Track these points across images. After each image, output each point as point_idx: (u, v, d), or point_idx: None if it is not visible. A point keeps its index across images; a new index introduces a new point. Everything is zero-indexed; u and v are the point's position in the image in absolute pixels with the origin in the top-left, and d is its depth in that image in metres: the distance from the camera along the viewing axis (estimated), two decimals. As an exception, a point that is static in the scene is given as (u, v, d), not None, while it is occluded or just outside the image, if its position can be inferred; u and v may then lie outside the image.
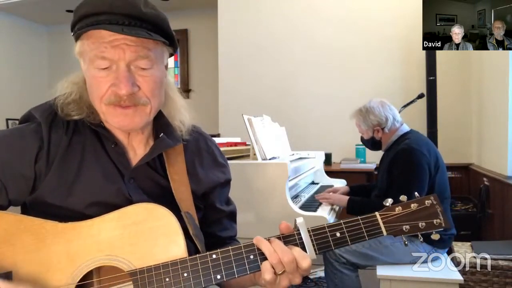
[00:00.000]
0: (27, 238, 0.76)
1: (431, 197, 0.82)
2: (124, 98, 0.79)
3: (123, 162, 0.87)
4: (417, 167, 1.99)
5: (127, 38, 0.78)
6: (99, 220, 0.79)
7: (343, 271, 2.06)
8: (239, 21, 4.37)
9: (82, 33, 0.79)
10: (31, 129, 0.84)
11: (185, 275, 0.75)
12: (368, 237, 0.80)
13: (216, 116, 4.46)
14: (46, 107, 0.87)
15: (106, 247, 0.77)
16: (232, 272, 0.76)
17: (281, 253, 0.75)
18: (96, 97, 0.81)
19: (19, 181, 0.81)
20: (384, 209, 0.82)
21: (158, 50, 0.83)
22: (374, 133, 2.25)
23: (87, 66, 0.81)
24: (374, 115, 2.21)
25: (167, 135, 0.89)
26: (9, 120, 5.58)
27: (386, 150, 2.26)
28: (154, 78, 0.82)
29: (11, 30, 5.80)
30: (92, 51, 0.79)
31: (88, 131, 0.87)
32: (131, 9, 0.78)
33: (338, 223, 0.81)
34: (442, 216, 0.81)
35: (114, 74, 0.79)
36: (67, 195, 0.81)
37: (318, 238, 0.79)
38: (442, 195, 2.07)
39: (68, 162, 0.83)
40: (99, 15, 0.77)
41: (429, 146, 2.11)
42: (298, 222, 0.79)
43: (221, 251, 0.77)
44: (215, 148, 1.03)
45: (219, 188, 0.99)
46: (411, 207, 0.82)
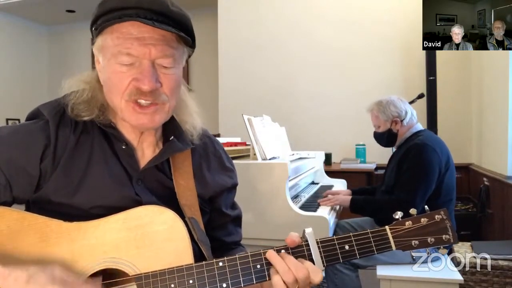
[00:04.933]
0: (30, 236, 0.75)
1: (441, 212, 0.82)
2: (146, 93, 0.79)
3: (131, 163, 0.86)
4: (427, 164, 1.99)
5: (153, 36, 0.77)
6: (105, 221, 0.77)
7: (343, 271, 2.06)
8: (239, 21, 4.37)
9: (106, 26, 0.78)
10: (39, 127, 0.83)
11: (191, 282, 0.74)
12: (377, 251, 0.80)
13: (216, 116, 4.46)
14: (54, 105, 0.86)
15: (111, 249, 0.76)
16: (238, 281, 0.75)
17: (295, 270, 0.74)
18: (116, 92, 0.80)
19: (24, 178, 0.80)
20: (394, 223, 0.82)
21: (181, 50, 0.83)
22: (392, 125, 2.24)
23: (108, 61, 0.80)
24: (394, 107, 2.22)
25: (177, 138, 0.89)
26: (9, 120, 5.58)
27: (398, 147, 2.26)
28: (175, 77, 0.82)
29: (11, 30, 5.80)
30: (116, 46, 0.78)
31: (96, 131, 0.86)
32: (159, 6, 0.78)
33: (347, 236, 0.80)
34: (451, 232, 0.81)
35: (137, 69, 0.78)
36: (72, 194, 0.80)
37: (327, 250, 0.78)
38: (449, 196, 2.07)
39: (75, 161, 0.82)
40: (127, 10, 0.76)
41: (442, 145, 2.11)
42: (307, 232, 0.79)
43: (228, 259, 0.76)
44: (223, 152, 1.02)
45: (225, 193, 0.98)
46: (421, 222, 0.81)
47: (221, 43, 4.44)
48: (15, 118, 5.52)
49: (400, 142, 2.24)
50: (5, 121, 5.54)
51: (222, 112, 4.42)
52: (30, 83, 5.94)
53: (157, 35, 0.78)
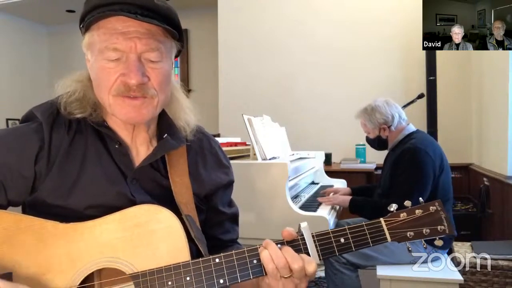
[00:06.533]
0: (27, 238, 0.75)
1: (436, 203, 0.82)
2: (134, 88, 0.79)
3: (125, 162, 0.86)
4: (421, 168, 1.98)
5: (139, 30, 0.78)
6: (101, 221, 0.77)
7: (343, 271, 2.06)
8: (239, 21, 4.37)
9: (92, 23, 0.79)
10: (32, 129, 0.83)
11: (188, 279, 0.75)
12: (372, 243, 0.80)
13: (216, 116, 4.46)
14: (47, 107, 0.86)
15: (108, 249, 0.76)
16: (235, 277, 0.76)
17: (291, 261, 0.75)
18: (104, 88, 0.80)
19: (18, 181, 0.80)
20: (389, 215, 0.82)
21: (168, 44, 0.83)
22: (381, 132, 2.23)
23: (95, 58, 0.80)
24: (380, 113, 2.20)
25: (171, 136, 0.89)
26: (9, 120, 5.58)
27: (391, 149, 2.25)
28: (163, 71, 0.82)
29: (11, 30, 5.80)
30: (103, 42, 0.78)
31: (90, 131, 0.86)
32: (144, 0, 0.78)
33: (343, 229, 0.80)
34: (446, 222, 0.81)
35: (124, 64, 0.79)
36: (67, 195, 0.80)
37: (322, 243, 0.79)
38: (445, 197, 2.07)
39: (69, 162, 0.82)
40: (112, 5, 0.77)
41: (435, 147, 2.10)
42: (302, 226, 0.79)
43: (224, 255, 0.77)
44: (219, 148, 1.02)
45: (221, 190, 0.98)
46: (416, 213, 0.82)
47: (221, 43, 4.44)
48: (15, 118, 5.51)
49: (393, 145, 2.24)
50: (5, 121, 5.54)
51: (222, 112, 4.42)
52: (30, 83, 5.94)
53: (142, 29, 0.78)
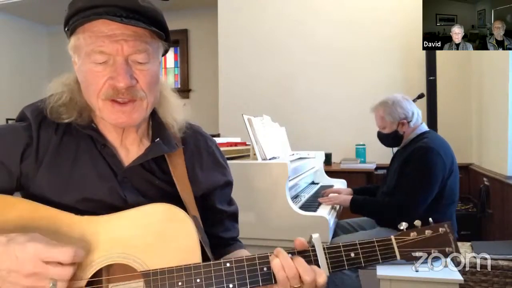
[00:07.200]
0: (41, 227, 0.75)
1: (445, 225, 0.84)
2: (122, 91, 0.79)
3: (115, 163, 0.86)
4: (430, 168, 1.96)
5: (125, 33, 0.77)
6: (116, 217, 0.78)
7: (343, 271, 2.06)
8: (239, 21, 4.37)
9: (77, 26, 0.79)
10: (22, 127, 0.85)
11: (198, 280, 0.75)
12: (382, 260, 0.81)
13: (216, 116, 4.46)
14: (37, 106, 0.87)
15: (121, 245, 0.77)
16: (244, 283, 0.76)
17: (302, 272, 0.75)
18: (93, 92, 0.80)
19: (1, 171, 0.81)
20: (399, 234, 0.83)
21: (155, 45, 0.83)
22: (399, 127, 2.17)
23: (82, 61, 0.80)
24: (401, 108, 2.15)
25: (163, 140, 0.89)
26: (9, 120, 5.58)
27: (402, 147, 2.22)
28: (151, 72, 0.82)
29: (11, 30, 5.80)
30: (89, 45, 0.78)
31: (81, 131, 0.87)
32: (128, 2, 0.78)
33: (354, 243, 0.81)
34: (454, 244, 0.83)
35: (111, 67, 0.78)
36: (61, 191, 0.81)
37: (333, 256, 0.80)
38: (451, 199, 2.05)
39: (60, 160, 0.83)
40: (96, 8, 0.77)
41: (446, 148, 2.07)
42: (314, 237, 0.80)
43: (235, 260, 0.77)
44: (215, 148, 1.02)
45: (218, 190, 0.98)
46: (425, 234, 0.83)
47: (221, 43, 4.44)
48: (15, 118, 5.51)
49: (405, 143, 2.19)
50: (5, 121, 5.54)
51: (222, 112, 4.42)
52: (30, 83, 5.94)
53: (128, 31, 0.78)
